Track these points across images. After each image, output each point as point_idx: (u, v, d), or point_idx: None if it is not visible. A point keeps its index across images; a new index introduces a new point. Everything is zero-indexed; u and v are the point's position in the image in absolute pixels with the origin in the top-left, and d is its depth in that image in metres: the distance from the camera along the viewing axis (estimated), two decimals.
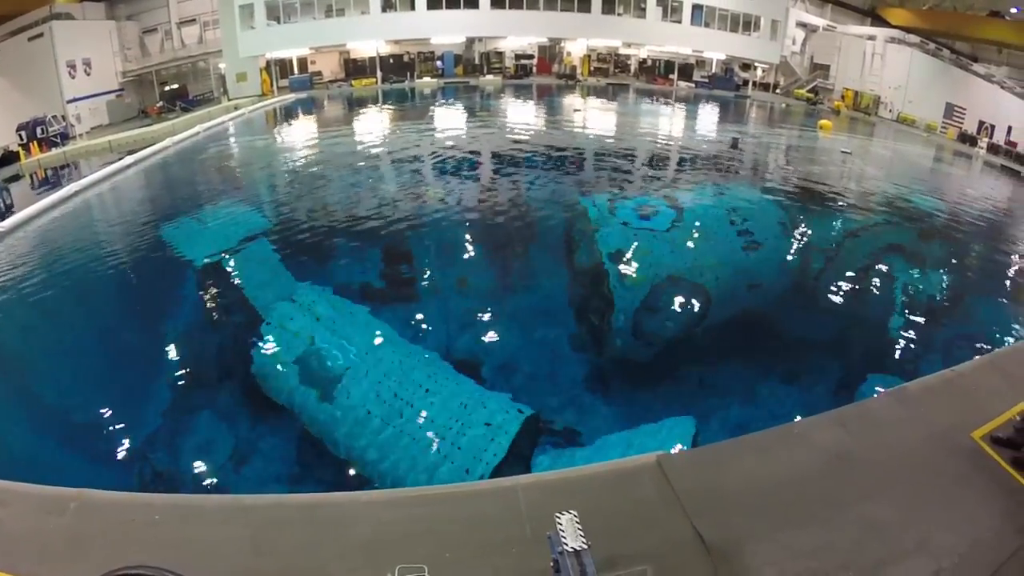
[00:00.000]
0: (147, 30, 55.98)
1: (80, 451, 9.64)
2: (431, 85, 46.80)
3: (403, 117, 38.48)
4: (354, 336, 11.78)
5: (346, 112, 41.45)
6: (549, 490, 5.75)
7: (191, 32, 54.14)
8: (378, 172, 22.82)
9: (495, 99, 43.25)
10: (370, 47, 47.57)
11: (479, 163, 23.86)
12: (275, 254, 15.14)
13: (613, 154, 26.26)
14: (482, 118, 36.13)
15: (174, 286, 14.70)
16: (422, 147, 26.72)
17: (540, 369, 11.58)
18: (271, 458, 9.66)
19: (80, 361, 12.25)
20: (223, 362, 11.87)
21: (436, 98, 43.59)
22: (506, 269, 14.90)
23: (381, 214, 17.20)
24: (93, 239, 19.26)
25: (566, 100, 43.34)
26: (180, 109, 47.24)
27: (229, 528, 5.49)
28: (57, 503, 5.85)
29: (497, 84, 47.31)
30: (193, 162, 28.15)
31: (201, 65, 54.13)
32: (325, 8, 46.55)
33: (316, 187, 21.43)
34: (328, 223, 16.85)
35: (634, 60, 52.54)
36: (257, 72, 48.33)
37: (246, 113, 39.87)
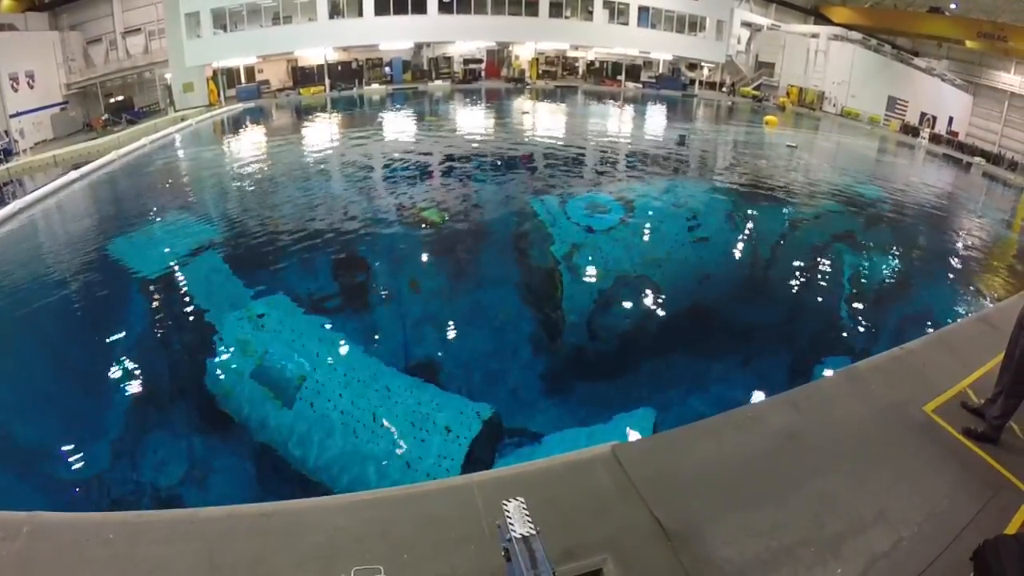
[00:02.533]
0: (91, 40, 54.75)
1: (30, 476, 9.44)
2: (380, 92, 46.92)
3: (352, 124, 38.45)
4: (308, 346, 11.71)
5: (295, 121, 41.15)
6: (505, 485, 5.71)
7: (136, 42, 53.16)
8: (328, 180, 22.83)
9: (444, 104, 43.39)
10: (318, 54, 47.37)
11: (430, 167, 23.89)
12: (226, 265, 15.01)
13: (563, 154, 26.53)
14: (432, 123, 36.18)
15: (123, 302, 14.44)
16: (372, 153, 26.73)
17: (497, 370, 11.57)
18: (228, 473, 9.53)
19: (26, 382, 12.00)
20: (176, 378, 11.65)
21: (385, 104, 43.67)
22: (459, 271, 14.95)
23: (332, 222, 17.23)
24: (39, 257, 18.74)
25: (515, 103, 43.76)
26: (126, 121, 46.43)
27: (182, 543, 5.45)
28: (9, 528, 5.76)
29: (446, 89, 47.57)
30: (140, 175, 27.67)
31: (147, 76, 53.20)
32: (272, 16, 46.19)
33: (266, 197, 21.27)
34: (279, 233, 16.72)
35: (582, 62, 53.07)
36: (204, 82, 47.69)
37: (193, 124, 39.26)
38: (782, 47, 51.44)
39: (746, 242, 17.56)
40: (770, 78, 52.57)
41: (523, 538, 3.71)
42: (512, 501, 3.90)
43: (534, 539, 3.71)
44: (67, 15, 54.95)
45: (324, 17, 45.26)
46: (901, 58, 47.60)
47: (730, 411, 7.12)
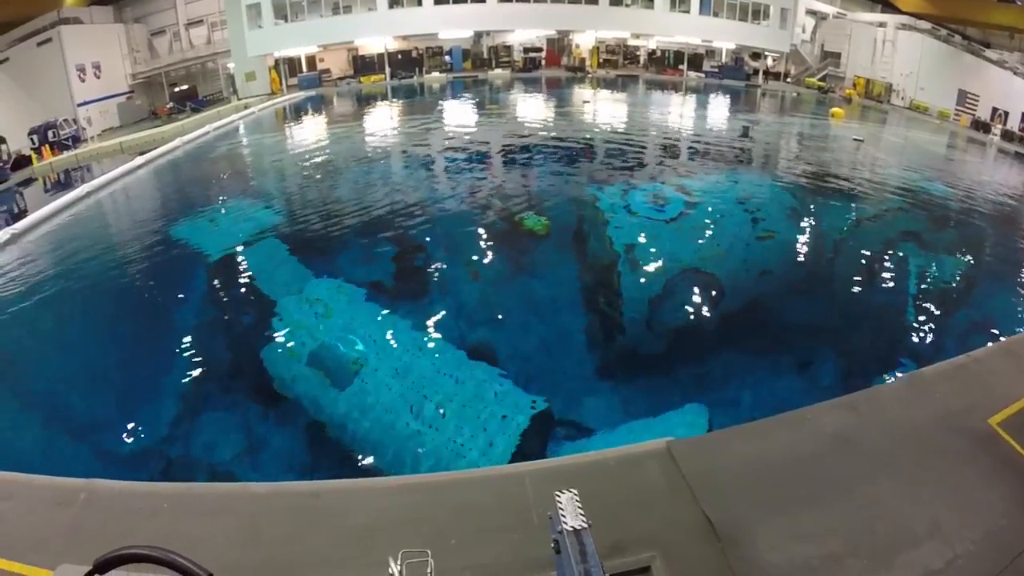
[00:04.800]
0: (155, 32, 56.25)
1: (93, 444, 9.67)
2: (440, 80, 46.59)
3: (412, 112, 38.39)
4: (366, 329, 11.75)
5: (355, 108, 41.38)
6: (556, 476, 5.67)
7: (199, 33, 54.36)
8: (388, 167, 22.81)
9: (504, 92, 42.89)
10: (378, 44, 47.50)
11: (490, 156, 23.70)
12: (286, 249, 15.17)
13: (624, 145, 26.08)
14: (492, 111, 35.94)
15: (186, 282, 14.76)
16: (432, 141, 26.64)
17: (553, 361, 11.46)
18: (280, 451, 9.63)
19: (93, 357, 12.36)
20: (235, 356, 11.86)
21: (445, 93, 43.37)
22: (518, 260, 14.76)
23: (391, 209, 17.18)
24: (106, 238, 19.47)
25: (575, 92, 43.00)
26: (190, 109, 47.40)
27: (232, 514, 5.57)
28: (67, 494, 6.00)
29: (506, 78, 46.94)
30: (203, 161, 28.30)
31: (210, 65, 54.33)
32: (332, 6, 46.51)
33: (327, 183, 21.52)
34: (339, 218, 16.85)
35: (643, 51, 52.17)
36: (266, 71, 48.49)
37: (256, 112, 40.13)
38: (848, 36, 49.67)
39: (808, 238, 17.00)
40: (836, 69, 50.95)
41: (574, 531, 3.63)
42: (565, 493, 3.80)
43: (585, 533, 3.62)
44: (131, 8, 56.45)
45: (384, 7, 45.38)
46: (972, 49, 45.44)
47: (786, 412, 6.99)
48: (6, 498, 5.96)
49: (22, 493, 6.09)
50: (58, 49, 49.32)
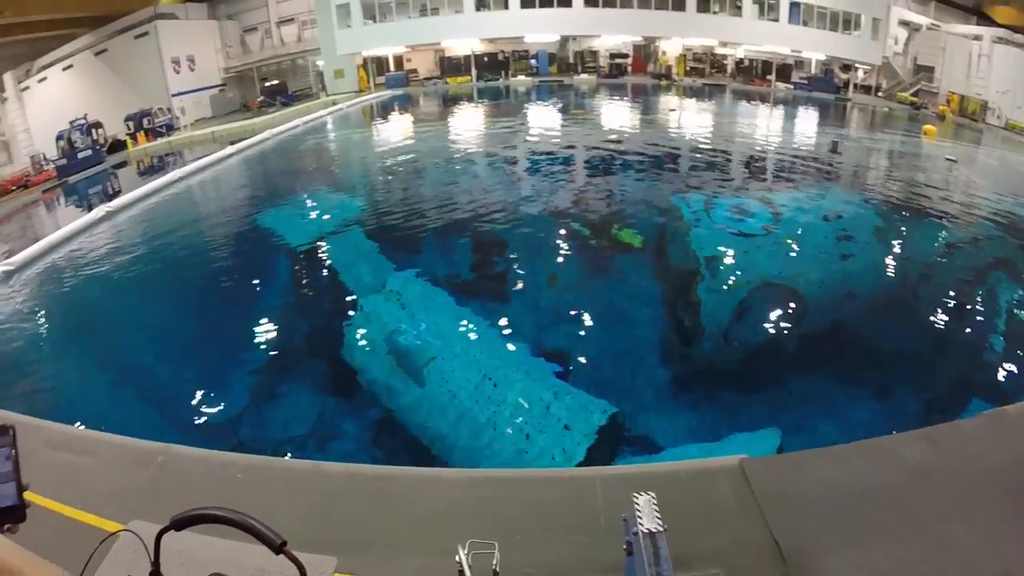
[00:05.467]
0: (248, 29, 58.24)
1: (170, 413, 10.10)
2: (526, 83, 46.69)
3: (497, 114, 38.62)
4: (442, 325, 11.87)
5: (441, 108, 41.87)
6: (627, 482, 5.56)
7: (290, 31, 55.96)
8: (471, 168, 23.01)
9: (590, 98, 42.43)
10: (465, 45, 47.93)
11: (573, 161, 23.60)
12: (369, 242, 15.46)
13: (709, 155, 25.66)
14: (576, 116, 35.81)
15: (270, 267, 15.33)
16: (516, 144, 26.74)
17: (626, 370, 11.34)
18: (349, 436, 9.81)
19: (176, 332, 13.02)
20: (314, 341, 12.17)
21: (530, 96, 43.43)
22: (597, 267, 14.62)
23: (473, 209, 17.28)
24: (195, 221, 20.42)
25: (661, 100, 42.50)
26: (280, 104, 48.65)
27: (304, 491, 5.72)
28: (145, 455, 6.34)
29: (591, 83, 46.43)
30: (292, 153, 29.14)
31: (300, 62, 55.82)
32: (420, 7, 47.04)
33: (411, 180, 21.95)
34: (422, 215, 17.07)
35: (731, 60, 51.13)
36: (354, 69, 49.54)
37: (343, 108, 41.13)
38: (942, 49, 47.28)
39: (895, 261, 16.35)
40: (929, 83, 48.78)
41: (649, 533, 3.62)
42: (643, 495, 3.77)
43: (660, 536, 3.61)
44: (224, 5, 58.56)
45: (471, 9, 45.62)
46: None
47: (862, 440, 6.78)
48: (88, 454, 6.25)
49: (103, 451, 6.39)
50: (154, 42, 51.62)
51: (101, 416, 8.69)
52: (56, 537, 1.15)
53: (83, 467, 6.03)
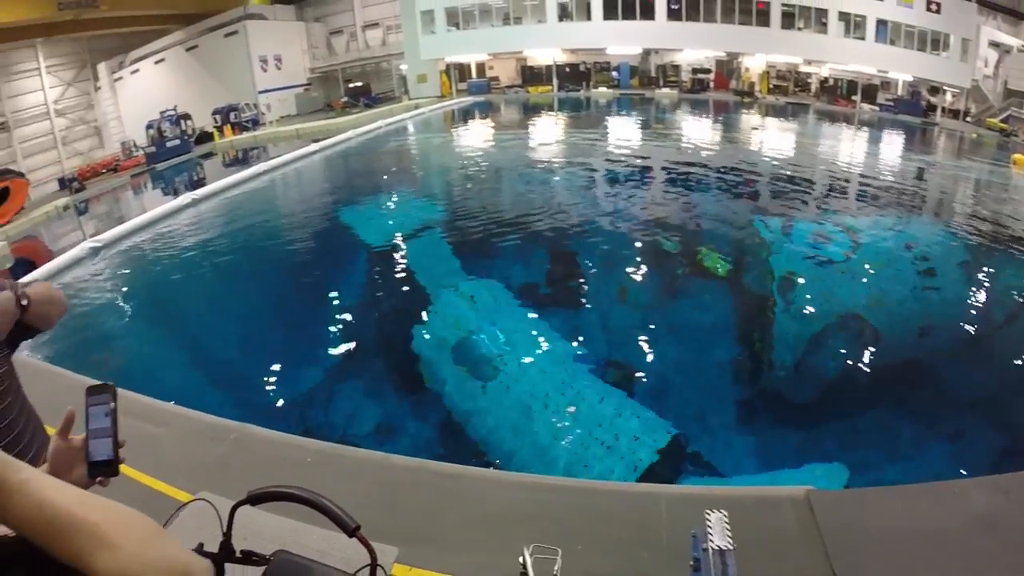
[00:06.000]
0: (334, 32, 59.87)
1: (240, 395, 10.41)
2: (606, 95, 46.39)
3: (578, 125, 38.46)
4: (512, 332, 11.92)
5: (522, 117, 42.07)
6: (693, 502, 5.56)
7: (375, 35, 57.23)
8: (550, 177, 23.00)
9: (670, 113, 41.93)
10: (547, 55, 47.98)
11: (652, 176, 23.47)
12: (446, 246, 15.68)
13: (790, 177, 25.14)
14: (657, 131, 35.49)
15: (348, 263, 15.71)
16: (595, 155, 26.73)
17: (692, 392, 11.15)
18: (413, 433, 9.89)
19: (250, 318, 13.52)
20: (385, 338, 12.37)
21: (611, 109, 43.09)
22: (670, 284, 14.48)
23: (549, 218, 17.30)
24: (277, 214, 21.21)
25: (743, 118, 41.67)
26: (363, 105, 49.63)
27: (372, 481, 5.83)
28: (219, 431, 6.66)
29: (673, 98, 45.86)
30: (373, 154, 29.83)
31: (384, 66, 56.99)
32: (503, 16, 47.46)
33: (489, 186, 22.17)
34: (498, 221, 17.17)
35: (815, 78, 49.88)
36: (437, 74, 50.18)
37: (425, 112, 41.85)
38: None
39: (978, 298, 15.74)
40: (1020, 110, 46.50)
41: (720, 551, 3.60)
42: (715, 512, 3.72)
43: (730, 555, 3.58)
44: (312, 8, 60.28)
45: (553, 19, 45.99)
46: None
47: (931, 482, 6.60)
48: (163, 425, 6.57)
49: (179, 424, 6.72)
50: (243, 41, 53.47)
51: (172, 390, 8.96)
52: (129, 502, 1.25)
53: (158, 437, 6.32)
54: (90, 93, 60.29)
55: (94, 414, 1.81)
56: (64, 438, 1.83)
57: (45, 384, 6.45)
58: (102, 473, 1.80)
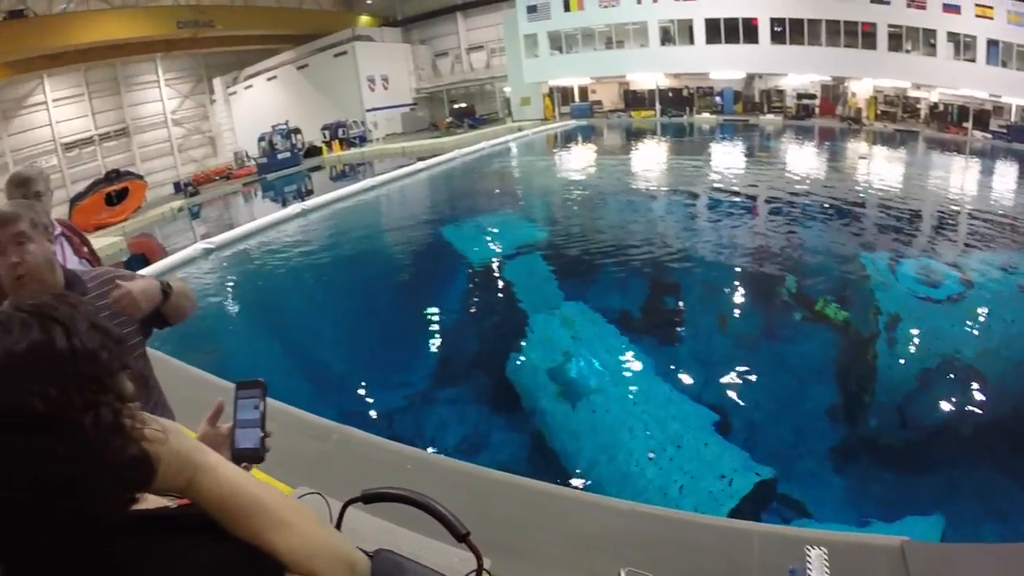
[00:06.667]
0: (439, 54, 61.66)
1: (335, 398, 10.73)
2: (709, 121, 45.52)
3: (680, 151, 38.06)
4: (607, 358, 11.95)
5: (624, 142, 41.88)
6: (787, 542, 5.47)
7: (479, 58, 58.64)
8: (651, 203, 22.95)
9: (775, 140, 40.77)
10: (649, 79, 47.67)
11: (756, 206, 23.12)
12: (546, 268, 15.83)
13: (897, 209, 24.33)
14: (761, 159, 34.74)
15: (449, 279, 16.11)
16: (698, 183, 26.51)
17: (786, 431, 10.81)
18: (502, 450, 9.92)
19: (349, 326, 14.10)
20: (480, 355, 12.51)
21: (714, 135, 42.35)
22: (770, 318, 14.13)
23: (649, 245, 17.23)
24: (382, 227, 22.32)
25: (849, 146, 40.11)
26: (467, 126, 50.68)
27: (466, 491, 5.90)
28: (321, 431, 7.04)
29: (777, 124, 44.46)
30: (477, 174, 30.55)
31: (487, 88, 58.24)
32: (605, 40, 47.48)
33: (590, 210, 22.21)
34: (598, 246, 17.19)
35: (924, 104, 47.45)
36: (540, 97, 50.77)
37: (529, 135, 42.34)
38: None
39: None
40: None
41: None
42: (815, 549, 3.75)
43: None
44: (417, 31, 62.28)
45: (655, 43, 45.64)
46: None
47: None
48: (269, 420, 6.91)
49: (283, 419, 6.98)
50: (352, 61, 55.88)
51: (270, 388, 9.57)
52: None
53: None
54: (205, 105, 64.55)
55: (242, 406, 2.05)
56: (212, 425, 2.08)
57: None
58: (247, 459, 2.00)
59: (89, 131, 54.65)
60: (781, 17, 42.43)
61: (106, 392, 1.36)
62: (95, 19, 44.17)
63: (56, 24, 42.38)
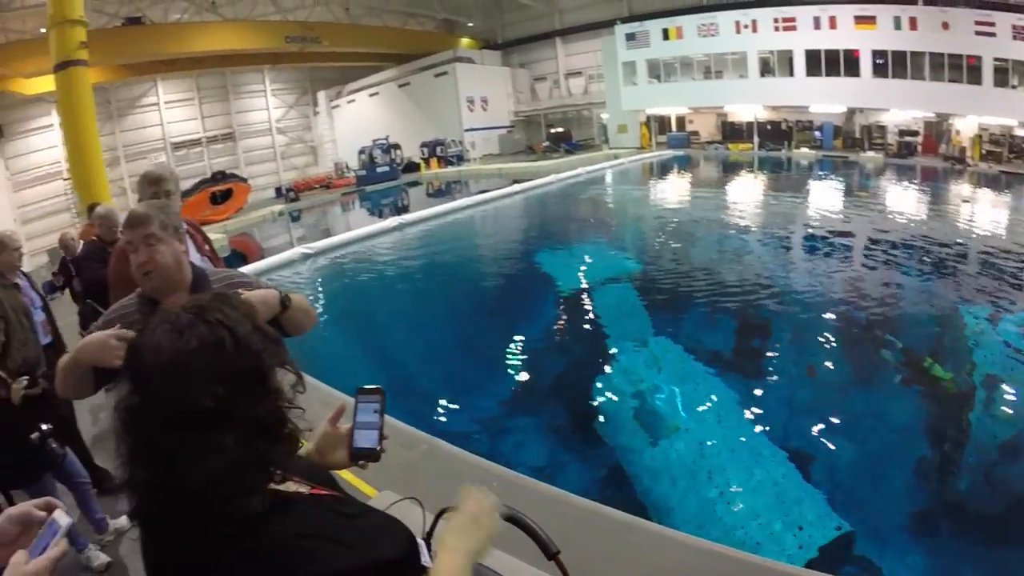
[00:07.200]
0: (537, 78, 62.74)
1: (415, 409, 10.77)
2: (808, 156, 44.24)
3: (778, 187, 37.27)
4: (691, 395, 11.94)
5: (720, 175, 41.20)
6: None
7: (577, 83, 59.45)
8: (745, 239, 22.69)
9: (874, 179, 38.97)
10: (748, 111, 47.12)
11: (851, 248, 22.59)
12: (636, 299, 15.93)
13: (1003, 260, 23.36)
14: (860, 199, 33.64)
15: (538, 302, 16.46)
16: (794, 221, 26.17)
17: (867, 485, 10.55)
18: (578, 479, 9.86)
19: (435, 341, 14.53)
20: (563, 381, 12.61)
21: (812, 171, 41.06)
22: (861, 368, 13.58)
23: (742, 282, 17.08)
24: (475, 246, 23.30)
25: (952, 187, 38.25)
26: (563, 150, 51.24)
27: (551, 515, 5.97)
28: (411, 440, 7.36)
29: (878, 162, 42.57)
30: (572, 199, 31.05)
31: (585, 113, 59.01)
32: (704, 70, 47.19)
33: (683, 244, 22.15)
34: (690, 281, 17.16)
35: None
36: (637, 125, 50.78)
37: (625, 163, 42.36)
38: None
39: None
40: None
41: None
42: None
43: None
44: (517, 54, 63.66)
45: (755, 74, 45.08)
46: None
47: None
48: None
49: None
50: (452, 82, 57.76)
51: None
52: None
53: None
54: (309, 116, 67.69)
55: (362, 410, 2.25)
56: (332, 425, 2.26)
57: None
58: (365, 458, 2.22)
59: (197, 133, 58.86)
60: (883, 49, 41.14)
61: (267, 388, 1.60)
62: (208, 30, 47.32)
63: (171, 32, 45.85)
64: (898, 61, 41.20)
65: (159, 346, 1.46)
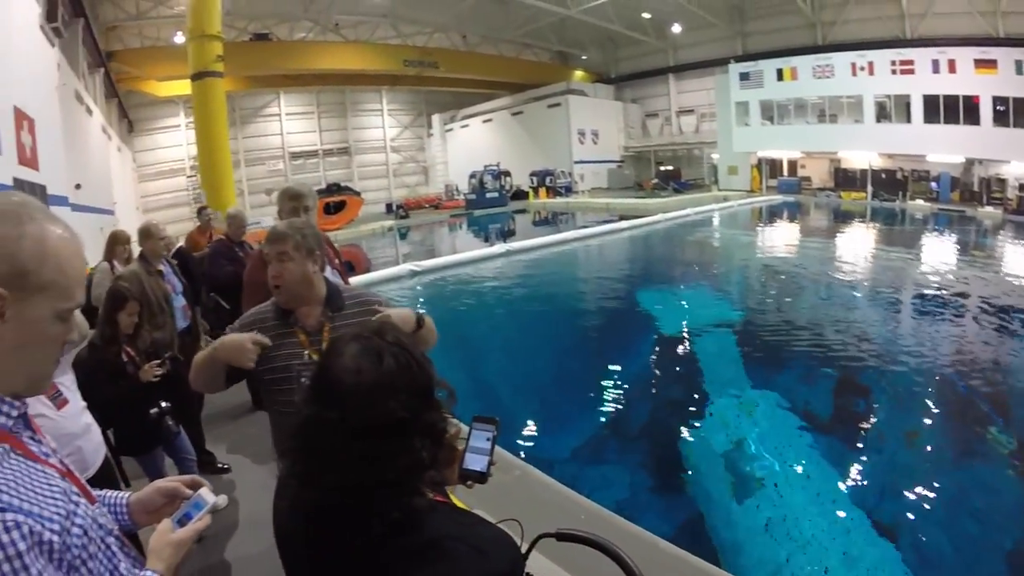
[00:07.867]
0: (649, 114, 63.15)
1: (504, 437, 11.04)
2: (923, 209, 42.31)
3: (890, 241, 35.91)
4: (783, 451, 11.78)
5: (831, 224, 40.14)
6: None
7: (689, 121, 59.59)
8: (852, 294, 22.17)
9: (991, 237, 36.90)
10: (862, 158, 45.68)
11: (964, 309, 21.68)
12: (736, 348, 15.88)
13: None
14: (976, 258, 31.94)
15: (635, 341, 16.63)
16: (905, 279, 25.35)
17: (961, 567, 10.42)
18: (654, 521, 9.29)
19: (530, 369, 14.88)
20: (653, 423, 12.69)
21: (927, 225, 39.40)
22: (962, 439, 12.95)
23: (845, 339, 16.70)
24: (578, 279, 23.46)
25: None
26: (672, 189, 51.13)
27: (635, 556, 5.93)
28: (506, 465, 7.55)
29: (996, 218, 39.71)
30: (678, 240, 31.08)
31: (695, 152, 58.99)
32: (818, 113, 46.27)
33: (788, 295, 21.93)
34: (792, 333, 16.94)
35: None
36: (748, 168, 50.25)
37: (734, 206, 42.02)
38: None
39: None
40: None
41: None
42: None
43: None
44: (630, 90, 64.36)
45: (871, 119, 43.89)
46: None
47: None
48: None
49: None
50: (565, 113, 59.05)
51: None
52: None
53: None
54: (422, 137, 70.33)
55: (476, 435, 2.46)
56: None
57: None
58: (472, 479, 2.38)
59: (315, 145, 62.61)
60: (1004, 96, 38.65)
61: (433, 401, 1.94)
62: (330, 49, 50.55)
63: (296, 49, 49.27)
64: (1020, 109, 38.77)
65: (360, 368, 1.74)
